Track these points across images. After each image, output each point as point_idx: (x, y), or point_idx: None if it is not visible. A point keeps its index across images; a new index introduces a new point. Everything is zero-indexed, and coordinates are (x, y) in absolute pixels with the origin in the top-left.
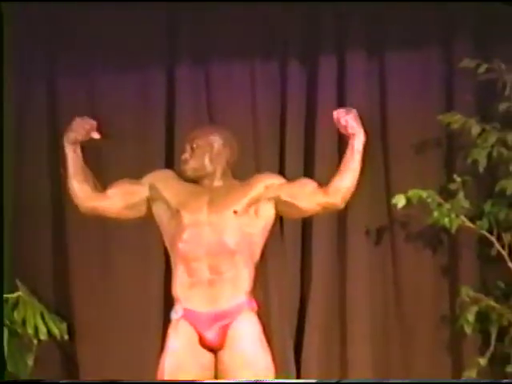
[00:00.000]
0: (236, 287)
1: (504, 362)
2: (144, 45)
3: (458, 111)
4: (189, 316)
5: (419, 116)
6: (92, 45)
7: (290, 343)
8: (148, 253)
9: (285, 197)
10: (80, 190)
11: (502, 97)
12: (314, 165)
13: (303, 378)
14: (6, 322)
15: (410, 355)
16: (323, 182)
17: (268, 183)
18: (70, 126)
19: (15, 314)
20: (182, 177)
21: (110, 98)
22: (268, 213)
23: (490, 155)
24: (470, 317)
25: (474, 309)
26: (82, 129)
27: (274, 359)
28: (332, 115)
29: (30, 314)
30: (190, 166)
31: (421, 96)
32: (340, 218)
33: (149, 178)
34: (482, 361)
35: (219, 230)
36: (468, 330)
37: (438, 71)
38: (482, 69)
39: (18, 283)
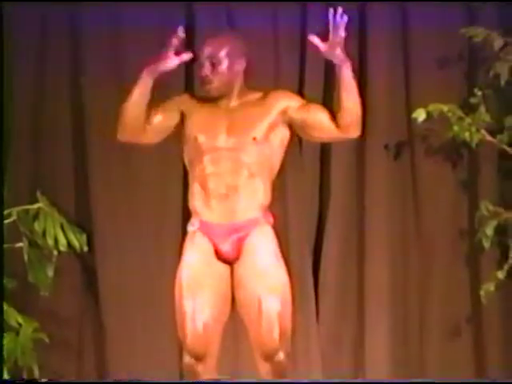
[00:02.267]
0: (252, 201)
1: None
2: None
3: (480, 24)
4: (205, 228)
5: (441, 29)
6: None
7: (308, 257)
8: (167, 165)
9: (300, 125)
10: (129, 124)
11: None
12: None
13: (321, 293)
14: (27, 232)
15: (428, 269)
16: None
17: (284, 107)
18: (153, 60)
19: (35, 225)
20: (202, 94)
21: (129, 34)
22: (285, 134)
23: None
24: (489, 231)
25: (493, 223)
26: (167, 62)
27: (290, 273)
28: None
29: (50, 225)
30: (215, 85)
31: (443, 9)
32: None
33: (179, 105)
34: (501, 274)
35: (238, 155)
36: (486, 243)
37: None
38: None
39: (39, 195)
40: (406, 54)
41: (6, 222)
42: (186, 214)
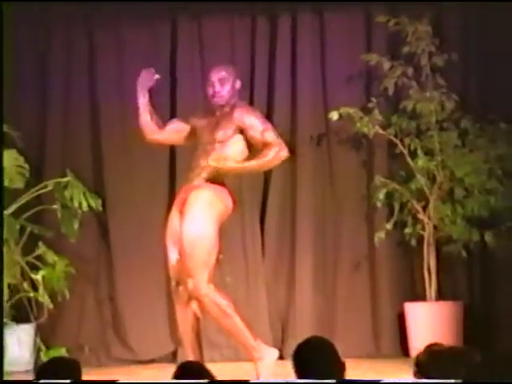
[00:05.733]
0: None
1: (403, 226)
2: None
3: (374, 52)
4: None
5: (348, 55)
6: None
7: (256, 212)
8: (156, 157)
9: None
10: (145, 125)
11: (405, 42)
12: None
13: (266, 237)
14: (60, 198)
15: (339, 222)
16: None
17: (245, 125)
18: (139, 77)
19: (66, 193)
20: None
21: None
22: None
23: (396, 83)
24: (381, 196)
25: (383, 190)
26: (148, 75)
27: (244, 224)
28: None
29: (76, 193)
30: (225, 97)
31: (349, 41)
32: (292, 129)
33: (193, 121)
34: (389, 225)
35: (205, 148)
36: (379, 204)
37: (361, 26)
38: (391, 23)
39: (68, 171)
40: (323, 72)
41: (44, 190)
42: (172, 184)
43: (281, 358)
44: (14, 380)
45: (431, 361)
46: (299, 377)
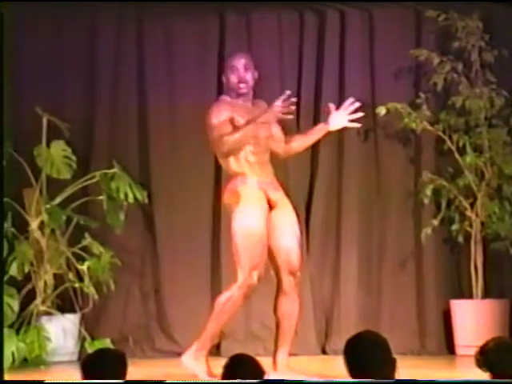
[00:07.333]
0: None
1: (450, 223)
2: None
3: (424, 47)
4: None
5: (397, 50)
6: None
7: (302, 208)
8: (201, 157)
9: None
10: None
11: (455, 37)
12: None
13: (311, 233)
14: (106, 189)
15: (385, 218)
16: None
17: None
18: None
19: (112, 184)
20: (235, 92)
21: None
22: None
23: (445, 79)
24: (428, 192)
25: (431, 186)
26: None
27: None
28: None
29: (122, 184)
30: (249, 84)
31: (398, 36)
32: None
33: (224, 115)
34: (435, 222)
35: (266, 142)
36: (426, 200)
37: (411, 21)
38: (441, 17)
39: (114, 163)
40: (372, 67)
41: (91, 181)
42: (218, 176)
43: (324, 353)
44: (14, 380)
45: (498, 351)
46: (351, 372)
